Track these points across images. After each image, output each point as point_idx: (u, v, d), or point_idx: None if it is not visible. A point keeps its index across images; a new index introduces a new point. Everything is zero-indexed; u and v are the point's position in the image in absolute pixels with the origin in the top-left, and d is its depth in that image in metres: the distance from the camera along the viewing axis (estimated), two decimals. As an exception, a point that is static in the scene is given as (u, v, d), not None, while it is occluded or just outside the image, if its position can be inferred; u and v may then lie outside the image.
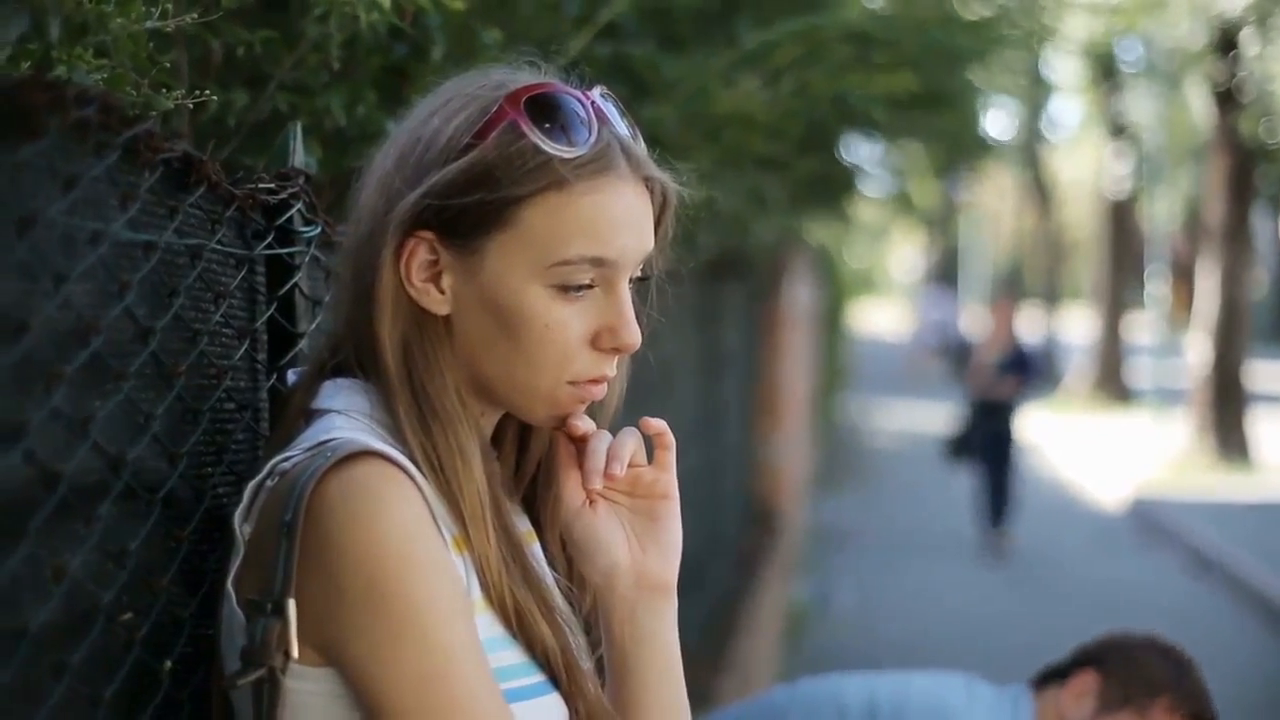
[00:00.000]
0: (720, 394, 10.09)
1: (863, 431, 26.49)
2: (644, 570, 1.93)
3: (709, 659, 7.58)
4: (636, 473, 1.94)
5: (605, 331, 1.83)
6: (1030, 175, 37.74)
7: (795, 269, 14.60)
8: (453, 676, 1.68)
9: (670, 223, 1.93)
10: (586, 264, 1.79)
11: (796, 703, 3.76)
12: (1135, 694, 3.58)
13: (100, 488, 1.60)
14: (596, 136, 1.80)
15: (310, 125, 2.75)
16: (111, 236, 1.59)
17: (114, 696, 1.59)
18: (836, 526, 16.50)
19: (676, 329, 8.05)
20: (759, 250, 9.36)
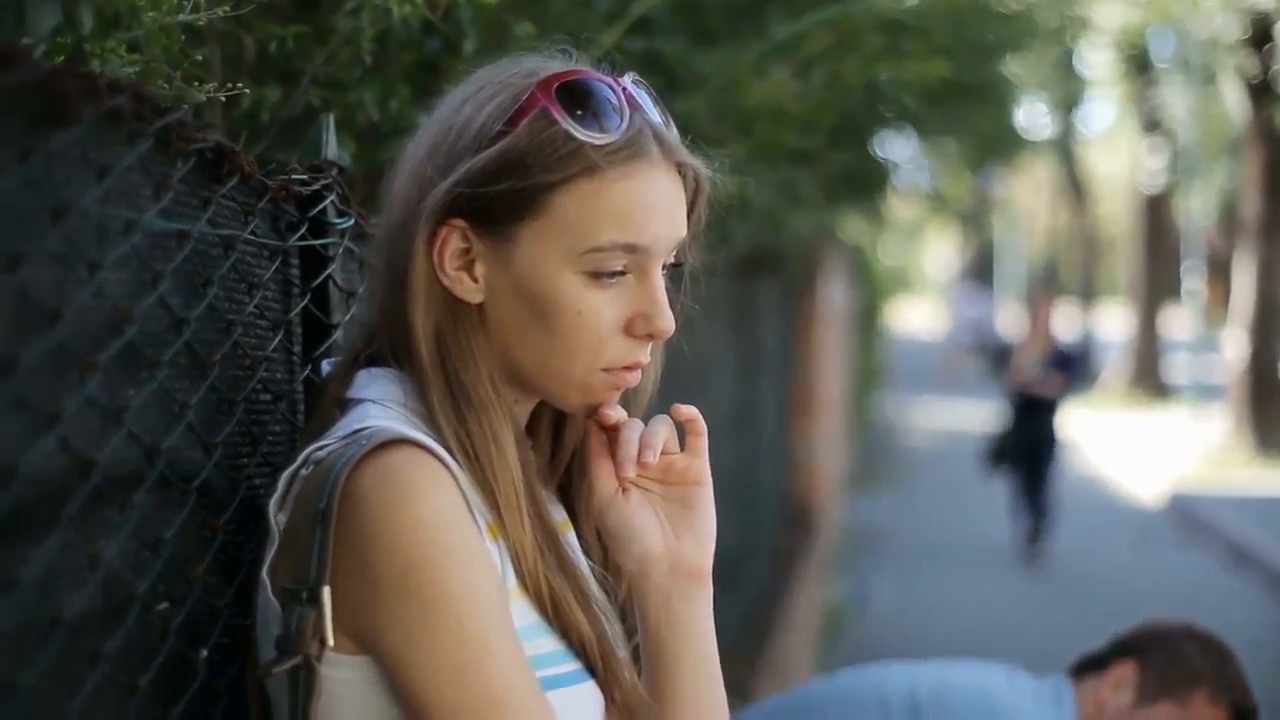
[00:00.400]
0: (755, 391, 10.09)
1: (899, 430, 26.44)
2: (679, 557, 1.93)
3: (746, 658, 7.57)
4: (669, 460, 1.94)
5: (639, 318, 1.83)
6: (1065, 171, 37.64)
7: (830, 266, 14.59)
8: (489, 665, 1.68)
9: (703, 209, 1.93)
10: (619, 250, 1.79)
11: (836, 696, 3.75)
12: (1174, 685, 3.57)
13: (135, 477, 1.60)
14: (628, 123, 1.80)
15: (343, 120, 2.75)
16: (145, 226, 1.59)
17: (150, 685, 1.60)
18: (873, 526, 16.43)
19: (711, 325, 8.05)
20: (793, 247, 9.34)
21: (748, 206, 4.91)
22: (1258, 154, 21.49)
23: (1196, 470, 19.98)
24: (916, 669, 3.83)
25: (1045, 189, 45.32)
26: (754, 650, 7.91)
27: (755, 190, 4.59)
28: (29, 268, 1.37)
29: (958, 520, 17.25)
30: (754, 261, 9.15)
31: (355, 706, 1.73)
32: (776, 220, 5.66)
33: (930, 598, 12.95)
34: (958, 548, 15.50)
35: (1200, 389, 24.90)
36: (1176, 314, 33.22)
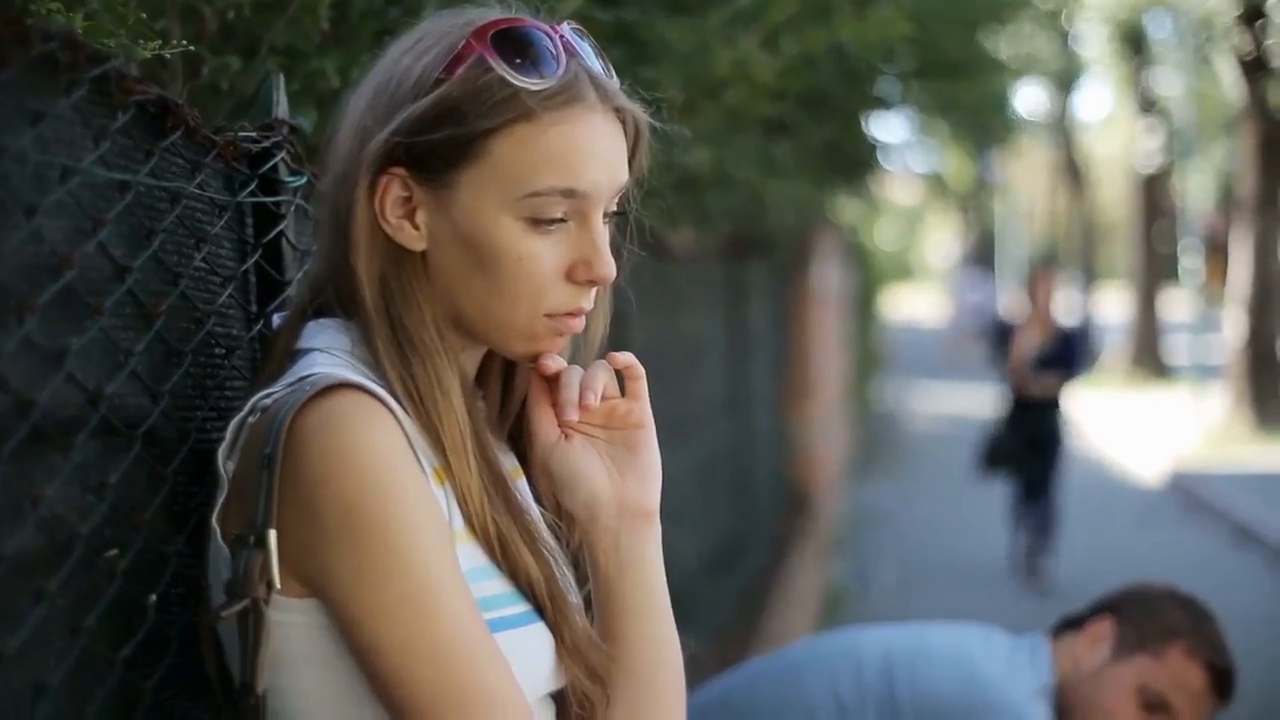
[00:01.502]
0: (749, 374, 10.10)
1: (901, 416, 26.45)
2: (625, 497, 1.95)
3: (743, 633, 7.60)
4: (611, 405, 1.96)
5: (580, 264, 1.84)
6: (1064, 155, 37.65)
7: (823, 250, 14.58)
8: (434, 604, 1.70)
9: (644, 155, 1.94)
10: (558, 195, 1.81)
11: (814, 658, 3.76)
12: (1150, 639, 3.57)
13: (78, 421, 1.62)
14: (565, 69, 1.81)
15: (304, 88, 2.78)
16: (83, 172, 1.61)
17: (97, 627, 1.61)
18: (875, 509, 16.44)
19: (702, 307, 8.07)
20: (782, 228, 9.36)
21: (726, 178, 4.92)
22: (1253, 131, 21.49)
23: (1197, 449, 19.99)
24: (891, 630, 3.84)
25: (1044, 173, 45.33)
26: (750, 628, 7.93)
27: (731, 160, 4.60)
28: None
29: (960, 502, 17.24)
30: (744, 243, 9.17)
31: (304, 650, 1.75)
32: (756, 193, 5.67)
33: (932, 577, 12.95)
34: (960, 528, 15.50)
35: (1200, 369, 24.88)
36: (1176, 295, 33.22)
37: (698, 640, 6.91)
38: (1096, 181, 41.86)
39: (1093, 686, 3.59)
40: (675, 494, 6.71)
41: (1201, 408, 23.00)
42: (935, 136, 16.88)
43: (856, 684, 3.59)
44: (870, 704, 3.56)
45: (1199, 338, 25.76)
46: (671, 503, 6.46)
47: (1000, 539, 13.69)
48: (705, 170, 4.48)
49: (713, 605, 7.77)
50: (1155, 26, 29.17)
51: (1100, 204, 44.27)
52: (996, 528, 14.56)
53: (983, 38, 8.50)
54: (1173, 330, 30.35)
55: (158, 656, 1.78)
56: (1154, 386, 27.89)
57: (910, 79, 7.21)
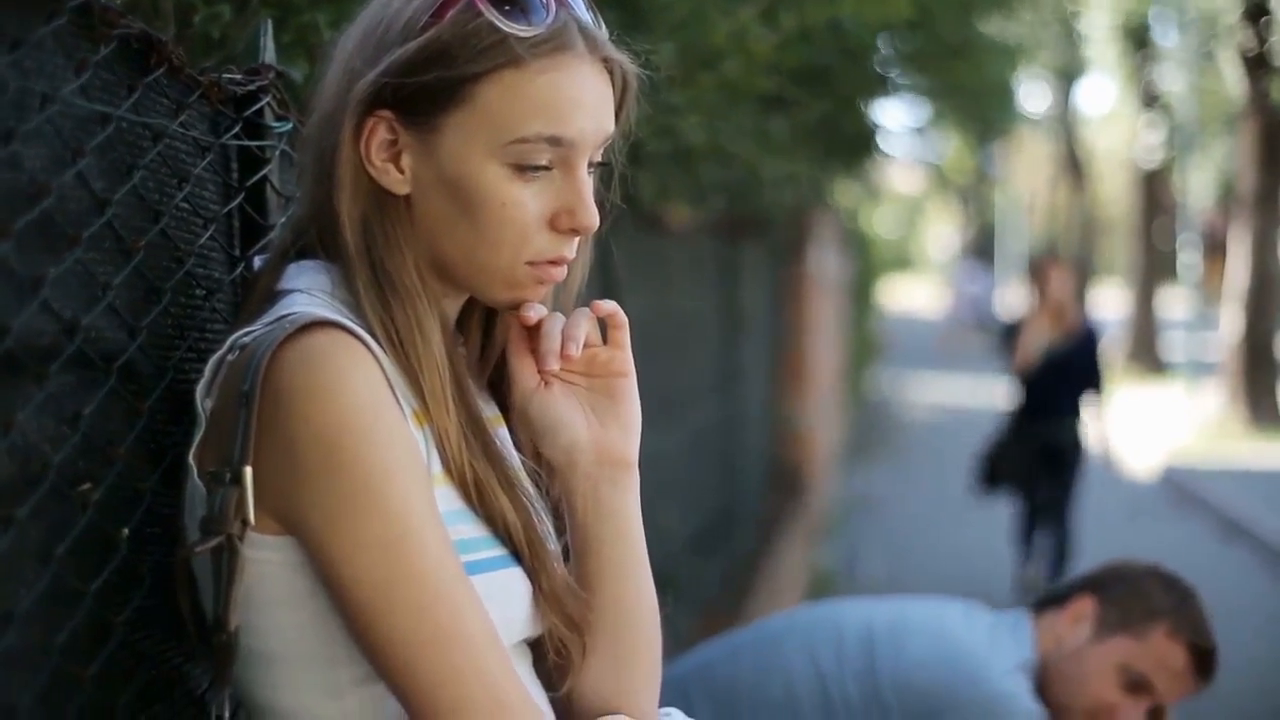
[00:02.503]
0: (741, 354, 10.11)
1: (896, 405, 26.45)
2: (605, 446, 1.95)
3: (728, 612, 7.60)
4: (592, 353, 1.96)
5: (563, 212, 1.84)
6: (1064, 149, 37.65)
7: (821, 235, 14.57)
8: (410, 542, 1.70)
9: (631, 108, 1.94)
10: (543, 143, 1.80)
11: (795, 630, 3.76)
12: (1133, 618, 3.57)
13: (54, 352, 1.61)
14: (554, 17, 1.81)
15: (295, 41, 2.77)
16: (62, 101, 1.60)
17: (68, 557, 1.61)
18: (866, 495, 16.44)
19: (695, 285, 8.06)
20: (779, 208, 9.36)
21: (721, 152, 4.91)
22: (1254, 127, 21.48)
23: (1190, 444, 20.00)
24: (873, 603, 3.85)
25: (1045, 167, 45.33)
26: (735, 607, 7.93)
27: (725, 133, 4.60)
28: (-64, 129, 1.38)
29: (952, 490, 17.23)
30: (739, 223, 9.16)
31: (278, 588, 1.75)
32: (751, 169, 5.67)
33: (922, 563, 12.95)
34: (951, 517, 15.49)
35: (1197, 366, 24.90)
36: (1175, 292, 33.23)
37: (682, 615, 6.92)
38: (1097, 176, 41.87)
39: (1074, 665, 3.59)
40: (663, 469, 6.72)
41: (1196, 404, 23.02)
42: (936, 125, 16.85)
43: (836, 655, 3.59)
44: (849, 675, 3.56)
45: (1196, 335, 25.76)
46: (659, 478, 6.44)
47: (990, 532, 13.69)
48: (700, 142, 4.47)
49: (699, 582, 7.77)
50: (1159, 22, 29.15)
51: (1100, 199, 44.27)
52: (987, 520, 14.57)
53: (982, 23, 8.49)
54: (1170, 327, 30.35)
55: (129, 593, 1.78)
56: (1150, 382, 27.90)
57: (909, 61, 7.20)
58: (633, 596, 1.96)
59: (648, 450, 5.49)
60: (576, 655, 1.90)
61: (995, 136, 24.83)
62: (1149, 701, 3.57)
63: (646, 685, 1.96)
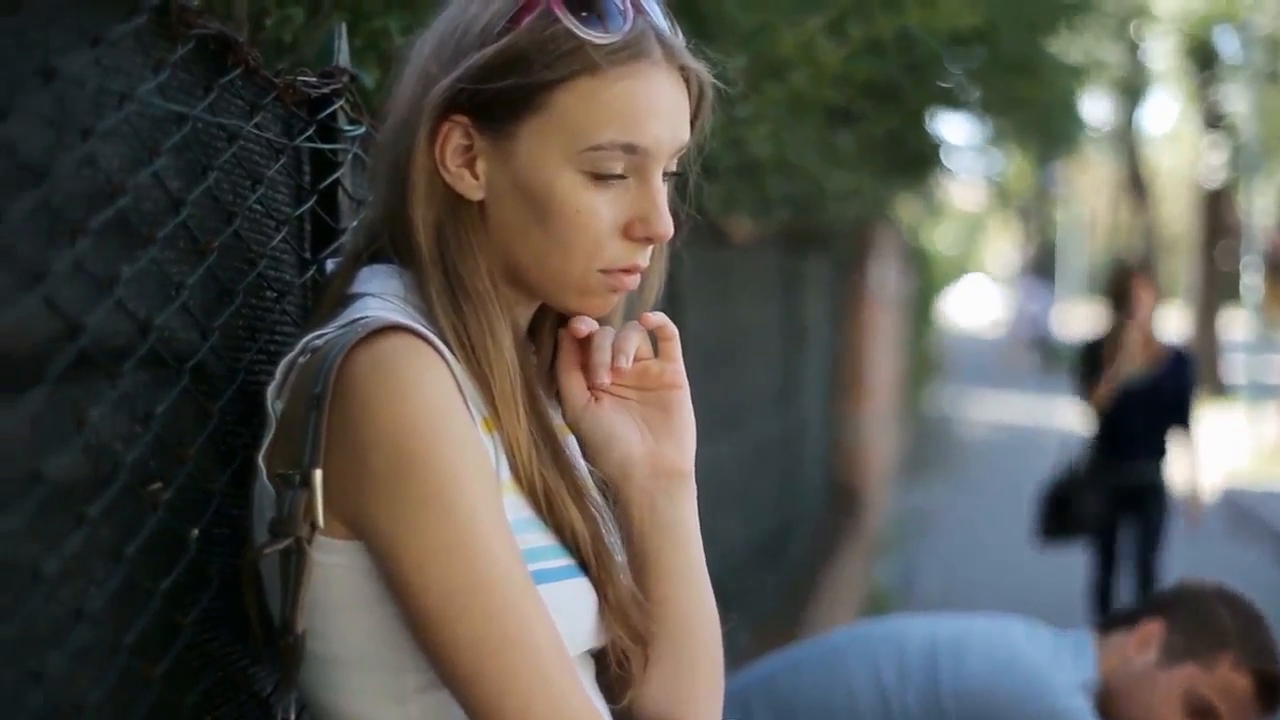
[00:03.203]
0: (800, 367, 10.09)
1: (955, 421, 26.36)
2: (659, 458, 1.94)
3: (785, 626, 7.58)
4: (644, 366, 1.96)
5: (637, 221, 1.83)
6: (1127, 168, 37.46)
7: (882, 249, 14.54)
8: (477, 549, 1.69)
9: (707, 117, 1.93)
10: (619, 150, 1.79)
11: (858, 644, 3.75)
12: (1200, 647, 3.55)
13: (127, 351, 1.62)
14: (631, 24, 1.80)
15: (368, 45, 2.78)
16: (140, 100, 1.61)
17: (138, 556, 1.61)
18: (924, 511, 16.38)
19: (755, 298, 8.06)
20: (841, 221, 9.35)
21: (786, 164, 4.90)
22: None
23: (1251, 466, 19.87)
24: (936, 619, 3.83)
25: (1107, 185, 45.15)
26: (793, 621, 7.91)
27: (792, 146, 4.59)
28: (17, 126, 1.38)
29: (1010, 507, 17.14)
30: (801, 235, 9.14)
31: (345, 593, 1.75)
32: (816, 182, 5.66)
33: (979, 581, 12.90)
34: (1010, 534, 15.40)
35: (1258, 387, 24.73)
36: (1236, 314, 33.02)
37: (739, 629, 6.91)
38: (1160, 196, 41.65)
39: (1139, 689, 3.57)
40: (721, 481, 6.72)
41: (1257, 426, 22.86)
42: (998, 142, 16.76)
43: (899, 669, 3.59)
44: (911, 689, 3.55)
45: (1258, 357, 25.58)
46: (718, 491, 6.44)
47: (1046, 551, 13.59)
48: (766, 154, 4.46)
49: (756, 595, 7.76)
50: (1224, 41, 29.01)
51: (1163, 219, 44.03)
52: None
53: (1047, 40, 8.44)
54: (1232, 349, 30.16)
55: (197, 593, 1.78)
56: (1211, 405, 27.74)
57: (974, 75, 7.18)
58: (692, 607, 1.94)
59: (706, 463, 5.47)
60: (638, 667, 1.89)
61: (1059, 155, 24.65)
62: (1213, 728, 3.55)
63: (708, 696, 1.95)
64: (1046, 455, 12.63)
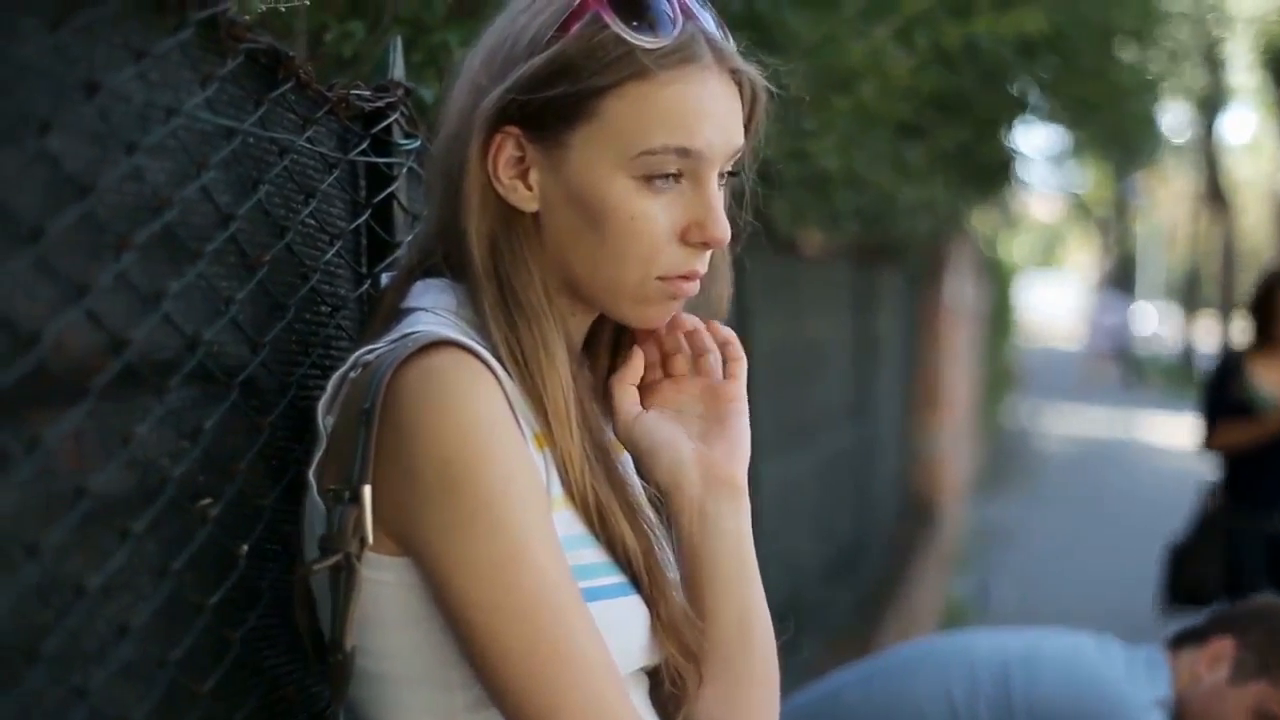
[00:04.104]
0: (875, 380, 10.05)
1: (1033, 435, 26.21)
2: (709, 464, 1.92)
3: (859, 640, 7.54)
4: (712, 386, 1.96)
5: (693, 225, 1.82)
6: (1207, 179, 37.18)
7: (958, 262, 14.48)
8: (525, 565, 1.68)
9: (761, 121, 1.91)
10: (672, 154, 1.78)
11: (927, 658, 3.73)
12: (1271, 664, 3.52)
13: (175, 366, 1.61)
14: (680, 28, 1.79)
15: (427, 61, 2.77)
16: (185, 114, 1.60)
17: (186, 571, 1.60)
18: (1001, 525, 16.27)
19: (830, 311, 8.03)
20: (914, 235, 9.31)
21: (856, 178, 4.88)
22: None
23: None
24: (1006, 635, 3.81)
25: (1187, 197, 44.84)
26: (867, 635, 7.87)
27: (860, 159, 4.56)
28: (60, 139, 1.38)
29: (1088, 521, 17.05)
30: (875, 249, 9.12)
31: (395, 610, 1.74)
32: (887, 195, 5.63)
33: (1056, 596, 12.80)
34: (1087, 548, 15.32)
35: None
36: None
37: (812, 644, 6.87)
38: (1240, 207, 41.32)
39: (1210, 706, 3.54)
40: (794, 496, 6.69)
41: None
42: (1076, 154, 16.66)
43: (969, 684, 3.56)
44: (982, 704, 3.53)
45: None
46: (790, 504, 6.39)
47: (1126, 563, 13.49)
48: (835, 167, 4.44)
49: (830, 611, 7.72)
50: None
51: (1244, 230, 43.68)
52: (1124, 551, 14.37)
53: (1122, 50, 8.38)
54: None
55: (248, 609, 1.77)
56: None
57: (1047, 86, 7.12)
58: (746, 619, 1.91)
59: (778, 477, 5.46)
60: (692, 684, 1.86)
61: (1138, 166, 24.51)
62: (1285, 746, 3.51)
63: (761, 710, 1.92)
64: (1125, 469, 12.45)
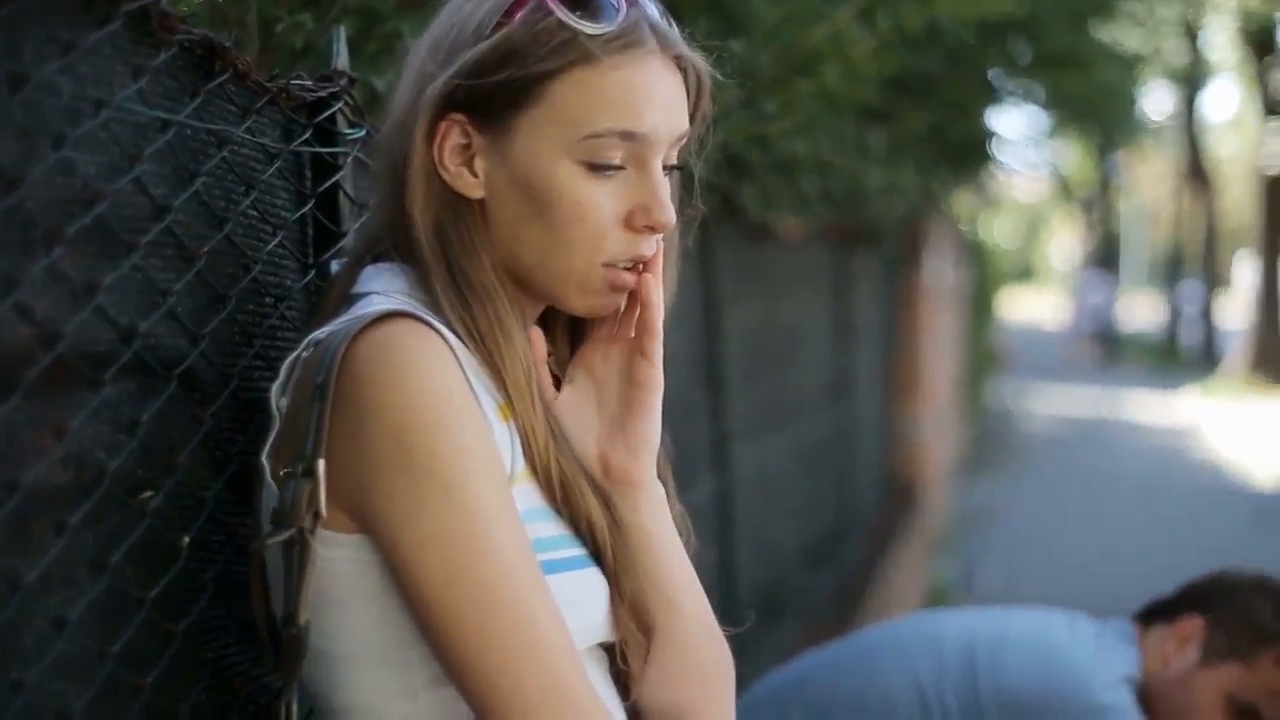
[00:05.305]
0: (854, 364, 10.05)
1: (1016, 416, 26.24)
2: (609, 463, 1.89)
3: (840, 625, 7.54)
4: (630, 366, 1.91)
5: (638, 210, 1.82)
6: (1189, 157, 37.21)
7: (937, 244, 14.46)
8: (482, 538, 1.67)
9: (707, 108, 1.92)
10: (616, 138, 1.79)
11: (895, 642, 3.72)
12: (1241, 644, 3.50)
13: (112, 358, 1.61)
14: (624, 14, 1.80)
15: (381, 49, 2.77)
16: (115, 104, 1.60)
17: (126, 565, 1.60)
18: (985, 507, 16.29)
19: (804, 293, 8.03)
20: (889, 218, 9.31)
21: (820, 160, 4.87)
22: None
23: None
24: (974, 615, 3.79)
25: (1169, 176, 44.87)
26: (848, 620, 7.87)
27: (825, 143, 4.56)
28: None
29: (1071, 502, 17.08)
30: (851, 232, 9.11)
31: (351, 587, 1.73)
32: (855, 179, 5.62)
33: (1040, 576, 12.80)
34: (1071, 529, 15.35)
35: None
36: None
37: (794, 629, 6.88)
38: (1223, 185, 41.35)
39: (1180, 691, 3.52)
40: (772, 480, 6.69)
41: (1321, 414, 22.72)
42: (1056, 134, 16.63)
43: (936, 666, 3.55)
44: (949, 686, 3.52)
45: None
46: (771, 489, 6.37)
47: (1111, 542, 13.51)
48: (800, 151, 4.43)
49: (810, 596, 7.73)
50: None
51: (1227, 208, 43.72)
52: (1107, 532, 14.40)
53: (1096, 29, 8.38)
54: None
55: (191, 600, 1.77)
56: (1273, 392, 27.54)
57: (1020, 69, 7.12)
58: (664, 610, 1.89)
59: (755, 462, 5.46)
60: (636, 665, 1.86)
61: (1118, 146, 24.53)
62: (1255, 726, 3.50)
63: (706, 701, 1.91)
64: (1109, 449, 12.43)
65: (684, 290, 2.01)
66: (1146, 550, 14.37)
